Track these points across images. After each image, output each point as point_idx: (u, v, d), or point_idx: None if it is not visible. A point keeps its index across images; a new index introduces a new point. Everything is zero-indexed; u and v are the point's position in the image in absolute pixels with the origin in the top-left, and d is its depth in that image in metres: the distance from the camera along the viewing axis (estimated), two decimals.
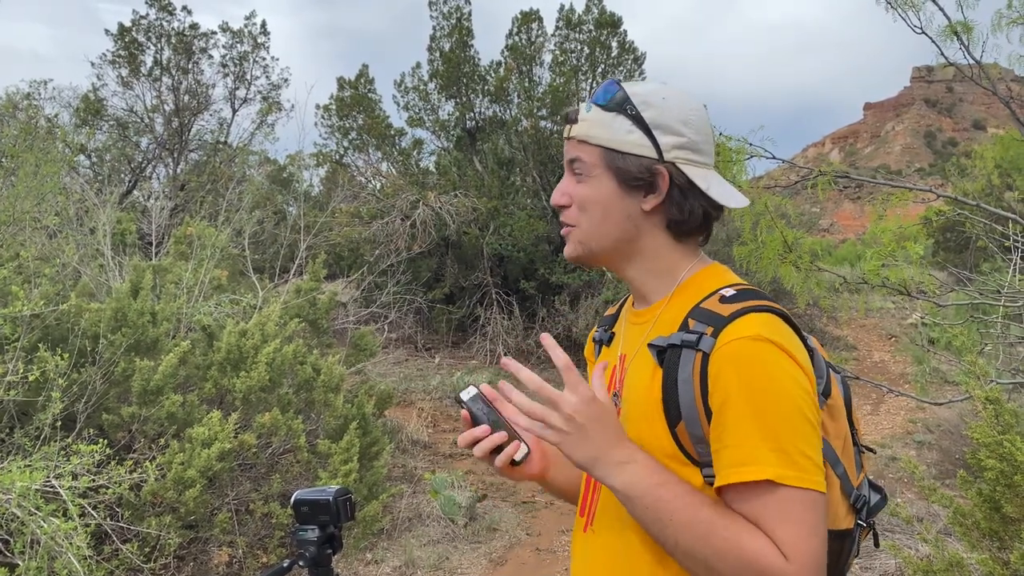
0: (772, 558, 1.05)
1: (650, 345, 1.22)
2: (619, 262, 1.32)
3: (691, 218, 1.26)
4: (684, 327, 1.19)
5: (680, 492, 1.11)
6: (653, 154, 1.23)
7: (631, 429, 1.23)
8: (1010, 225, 4.19)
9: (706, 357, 1.12)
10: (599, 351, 1.48)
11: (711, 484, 1.14)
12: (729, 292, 1.20)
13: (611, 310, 1.52)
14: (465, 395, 1.25)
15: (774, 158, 3.89)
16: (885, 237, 3.83)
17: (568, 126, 1.30)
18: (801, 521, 1.06)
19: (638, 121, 1.23)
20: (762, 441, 1.06)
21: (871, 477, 1.38)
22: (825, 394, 1.22)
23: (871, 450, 1.44)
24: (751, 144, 3.77)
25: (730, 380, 1.09)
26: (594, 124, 1.26)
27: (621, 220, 1.27)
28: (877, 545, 1.41)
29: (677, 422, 1.15)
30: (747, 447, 1.07)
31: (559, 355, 1.13)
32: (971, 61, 3.94)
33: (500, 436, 1.23)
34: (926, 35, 3.97)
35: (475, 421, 1.26)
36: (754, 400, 1.08)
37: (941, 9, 3.92)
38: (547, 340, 1.17)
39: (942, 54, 3.98)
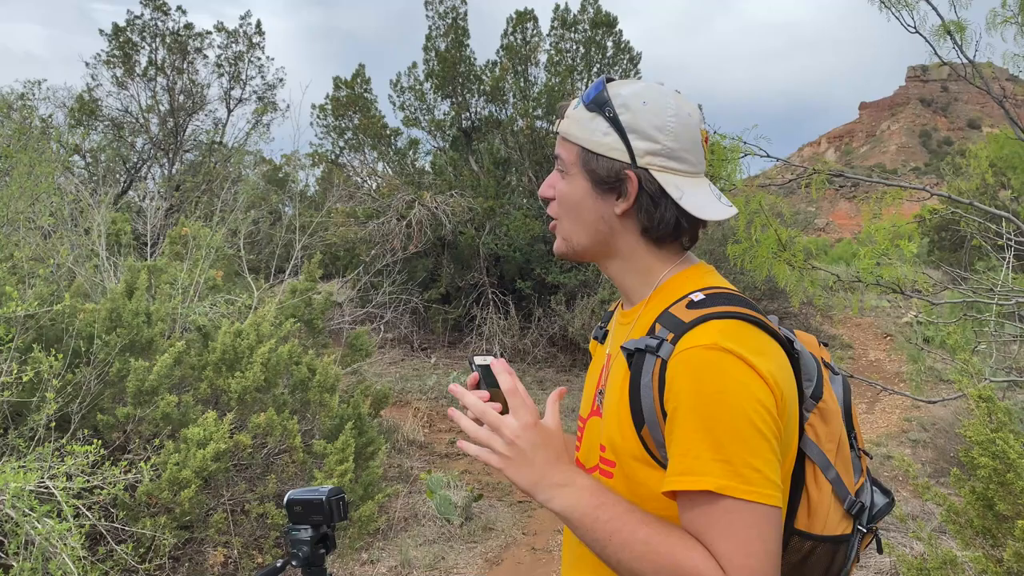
0: (709, 573, 1.04)
1: (622, 347, 1.22)
2: (600, 260, 1.33)
3: (661, 225, 1.24)
4: (651, 331, 1.19)
5: (618, 512, 1.11)
6: (626, 158, 1.22)
7: (607, 429, 1.24)
8: (1004, 224, 4.20)
9: (664, 363, 1.12)
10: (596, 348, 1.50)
11: None
12: (698, 296, 1.19)
13: (613, 307, 1.53)
14: (479, 360, 1.24)
15: (768, 156, 3.90)
16: (879, 236, 3.84)
17: (556, 120, 1.32)
18: (744, 536, 1.04)
19: (615, 123, 1.23)
20: (707, 451, 1.05)
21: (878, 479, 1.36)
22: (815, 397, 1.21)
23: (867, 454, 1.40)
24: (745, 143, 3.78)
25: (681, 388, 1.09)
26: (575, 122, 1.27)
27: (594, 220, 1.27)
28: (880, 551, 1.38)
29: (642, 425, 1.15)
30: (691, 456, 1.06)
31: (504, 380, 1.17)
32: (965, 60, 3.95)
33: (494, 406, 1.21)
34: (920, 34, 3.99)
35: (479, 387, 1.25)
36: (702, 410, 1.07)
37: (935, 8, 3.93)
38: (456, 389, 1.19)
39: (936, 53, 4.00)
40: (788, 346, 1.19)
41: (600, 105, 1.24)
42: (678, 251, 1.30)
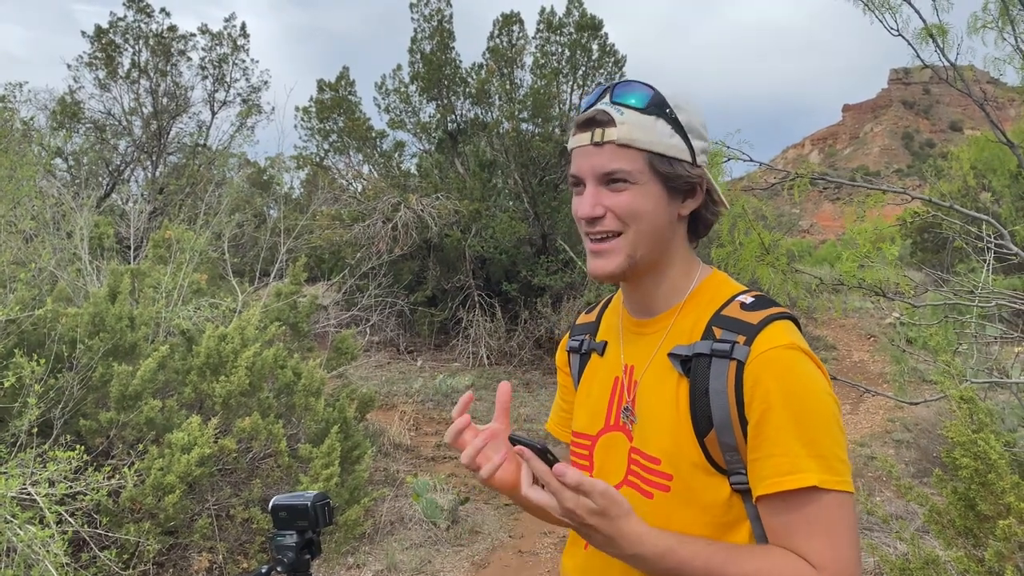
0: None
1: (671, 355, 1.20)
2: (650, 270, 1.26)
3: (713, 220, 1.29)
4: (709, 335, 1.18)
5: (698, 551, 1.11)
6: (689, 158, 1.20)
7: (652, 442, 1.22)
8: (984, 226, 4.24)
9: (741, 366, 1.12)
10: (583, 361, 1.42)
11: (739, 491, 1.16)
12: (748, 299, 1.20)
13: (585, 318, 1.49)
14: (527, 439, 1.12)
15: (752, 161, 3.92)
16: (861, 239, 3.87)
17: (599, 130, 1.18)
18: (837, 529, 1.09)
19: (676, 125, 1.19)
20: (803, 448, 1.08)
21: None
22: None
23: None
24: (728, 147, 3.80)
25: (770, 389, 1.10)
26: (638, 128, 1.17)
27: (666, 226, 1.23)
28: None
29: (707, 432, 1.15)
30: (792, 455, 1.09)
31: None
32: (947, 63, 4.00)
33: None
34: (903, 37, 4.03)
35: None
36: (794, 408, 1.10)
37: (917, 12, 3.97)
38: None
39: (918, 56, 4.04)
40: None
41: (660, 107, 1.19)
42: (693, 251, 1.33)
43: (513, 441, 1.10)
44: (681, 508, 1.18)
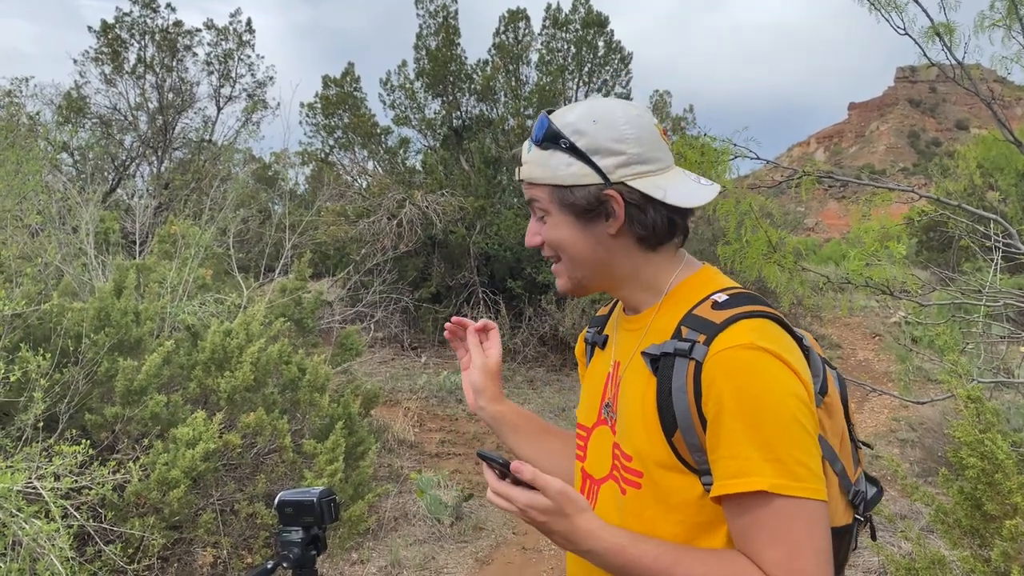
0: None
1: (643, 353, 1.21)
2: (608, 286, 1.31)
3: (657, 230, 1.24)
4: (677, 334, 1.18)
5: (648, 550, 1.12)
6: (598, 180, 1.21)
7: (626, 439, 1.23)
8: (991, 225, 4.23)
9: (699, 365, 1.11)
10: (591, 352, 1.46)
11: (709, 491, 1.15)
12: (721, 297, 1.19)
13: (602, 310, 1.51)
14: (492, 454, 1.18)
15: (758, 158, 3.91)
16: (868, 237, 3.86)
17: (517, 167, 1.29)
18: (794, 536, 1.05)
19: (574, 152, 1.21)
20: (756, 451, 1.06)
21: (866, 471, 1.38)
22: (822, 392, 1.22)
23: (868, 445, 1.44)
24: (735, 144, 3.79)
25: (723, 390, 1.08)
26: (534, 164, 1.25)
27: (592, 250, 1.26)
28: (874, 538, 1.41)
29: (673, 431, 1.15)
30: (741, 458, 1.06)
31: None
32: (953, 62, 3.98)
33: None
34: (909, 36, 4.01)
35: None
36: (747, 410, 1.07)
37: (924, 10, 3.95)
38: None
39: (925, 55, 4.02)
40: (799, 343, 1.20)
41: (553, 140, 1.22)
42: (674, 251, 1.30)
43: (480, 456, 1.15)
44: (652, 506, 1.19)
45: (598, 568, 1.22)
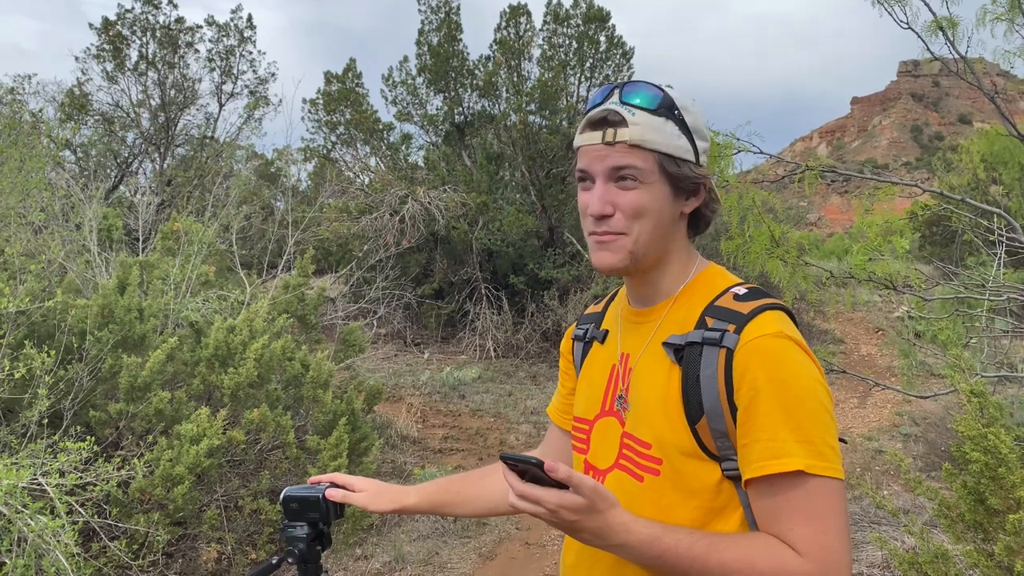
0: (790, 565, 1.08)
1: (665, 344, 1.24)
2: (653, 264, 1.29)
3: (712, 217, 1.32)
4: (702, 325, 1.21)
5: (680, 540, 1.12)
6: (694, 159, 1.24)
7: (643, 428, 1.25)
8: (995, 219, 4.22)
9: (730, 353, 1.15)
10: (586, 349, 1.47)
11: (730, 478, 1.18)
12: (742, 291, 1.24)
13: (593, 308, 1.53)
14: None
15: (761, 153, 3.90)
16: (871, 232, 3.85)
17: (611, 130, 1.21)
18: (824, 515, 1.09)
19: (683, 126, 1.23)
20: (791, 433, 1.10)
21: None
22: None
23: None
24: (738, 139, 3.78)
25: (758, 376, 1.12)
26: (650, 129, 1.21)
27: (670, 223, 1.27)
28: None
29: (698, 419, 1.18)
30: (778, 440, 1.10)
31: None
32: (956, 56, 3.97)
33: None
34: (912, 30, 4.00)
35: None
36: (781, 395, 1.11)
37: (927, 4, 3.95)
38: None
39: (928, 49, 4.01)
40: None
41: (669, 109, 1.23)
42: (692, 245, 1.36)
43: (505, 460, 1.10)
44: (670, 492, 1.21)
45: (603, 560, 1.25)
